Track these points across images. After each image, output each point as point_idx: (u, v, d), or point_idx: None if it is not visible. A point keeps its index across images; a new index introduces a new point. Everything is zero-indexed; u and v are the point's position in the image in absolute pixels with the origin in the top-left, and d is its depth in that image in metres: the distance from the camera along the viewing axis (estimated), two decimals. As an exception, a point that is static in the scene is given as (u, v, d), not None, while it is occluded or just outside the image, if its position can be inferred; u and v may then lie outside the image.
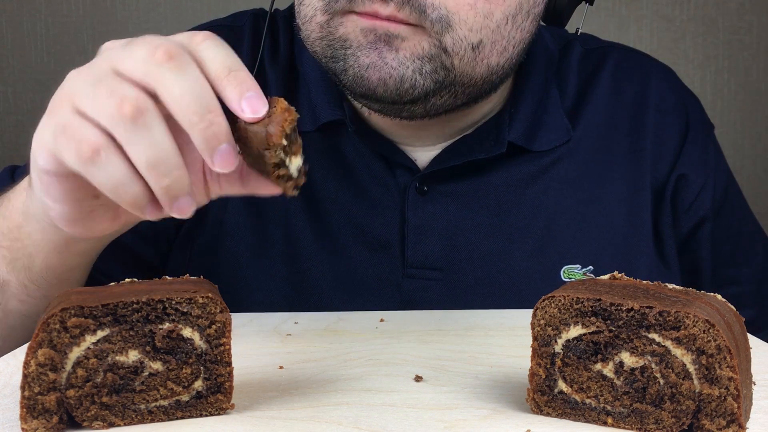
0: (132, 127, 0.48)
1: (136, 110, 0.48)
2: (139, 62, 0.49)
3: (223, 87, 0.50)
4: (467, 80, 0.72)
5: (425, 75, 0.69)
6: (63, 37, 1.96)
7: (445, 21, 0.68)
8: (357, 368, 0.57)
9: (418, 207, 0.80)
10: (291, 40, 0.87)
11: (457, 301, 0.79)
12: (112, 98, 0.49)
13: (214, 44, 0.51)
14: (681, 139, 0.86)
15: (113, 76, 0.50)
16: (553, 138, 0.82)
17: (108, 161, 0.49)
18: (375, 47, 0.68)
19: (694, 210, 0.85)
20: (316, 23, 0.71)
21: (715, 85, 1.95)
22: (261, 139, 0.50)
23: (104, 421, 0.46)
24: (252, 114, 0.49)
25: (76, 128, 0.50)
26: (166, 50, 0.49)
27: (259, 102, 0.50)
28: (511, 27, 0.71)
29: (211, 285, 0.51)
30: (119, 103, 0.48)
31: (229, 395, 0.48)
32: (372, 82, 0.69)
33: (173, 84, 0.49)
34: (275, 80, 0.84)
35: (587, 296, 0.46)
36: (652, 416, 0.45)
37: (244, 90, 0.49)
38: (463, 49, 0.69)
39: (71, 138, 0.50)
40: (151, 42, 0.50)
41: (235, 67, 0.50)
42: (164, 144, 0.49)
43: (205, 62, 0.50)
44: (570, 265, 0.81)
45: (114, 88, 0.49)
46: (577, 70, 0.87)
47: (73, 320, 0.45)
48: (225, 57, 0.51)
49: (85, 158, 0.49)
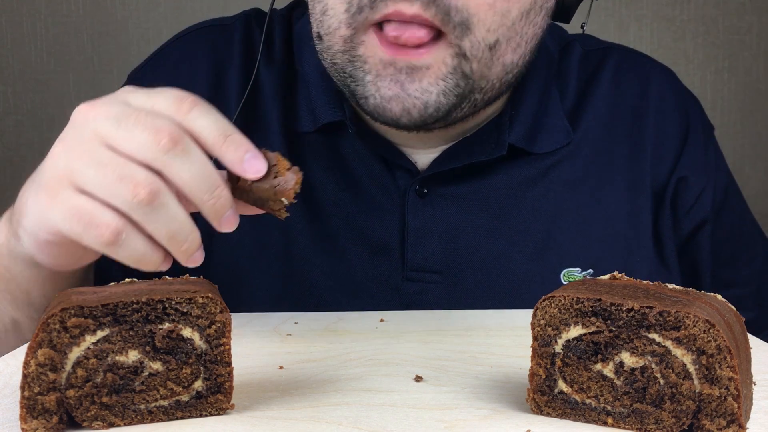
0: (149, 209, 0.51)
1: (151, 194, 0.51)
2: (144, 147, 0.52)
3: (222, 153, 0.53)
4: (485, 84, 0.72)
5: (448, 93, 0.69)
6: (63, 37, 1.96)
7: (466, 24, 0.67)
8: (357, 368, 0.57)
9: (418, 209, 0.80)
10: (288, 40, 0.86)
11: (457, 304, 0.78)
12: (125, 183, 0.51)
13: (203, 112, 0.54)
14: (681, 142, 0.85)
15: (113, 155, 0.52)
16: (553, 140, 0.82)
17: (130, 240, 0.52)
18: (396, 80, 0.68)
19: (694, 212, 0.85)
20: (340, 36, 0.70)
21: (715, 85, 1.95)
22: (269, 195, 0.54)
23: (104, 421, 0.46)
24: (255, 174, 0.53)
25: (92, 214, 0.52)
26: (170, 136, 0.52)
27: (259, 162, 0.53)
28: (524, 23, 0.71)
29: (211, 285, 0.51)
30: (133, 189, 0.51)
31: (229, 395, 0.48)
32: (395, 113, 0.69)
33: (181, 170, 0.52)
34: (270, 81, 0.83)
35: (587, 296, 0.46)
36: (653, 416, 0.45)
37: (242, 153, 0.53)
38: (481, 51, 0.69)
39: (89, 224, 0.52)
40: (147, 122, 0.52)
41: (229, 132, 0.54)
42: (180, 216, 0.52)
43: (200, 132, 0.53)
44: (570, 267, 0.81)
45: (123, 172, 0.52)
46: (577, 72, 0.87)
47: (73, 320, 0.45)
48: (217, 123, 0.54)
49: (107, 242, 0.52)
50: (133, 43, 1.96)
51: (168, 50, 0.88)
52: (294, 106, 0.83)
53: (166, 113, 0.53)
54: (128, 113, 0.53)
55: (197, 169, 0.52)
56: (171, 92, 0.55)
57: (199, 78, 0.84)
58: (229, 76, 0.84)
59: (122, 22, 1.95)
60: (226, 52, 0.85)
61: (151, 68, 0.87)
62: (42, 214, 0.55)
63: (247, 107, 0.81)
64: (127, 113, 0.53)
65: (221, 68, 0.85)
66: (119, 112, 0.53)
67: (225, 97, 0.83)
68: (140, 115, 0.52)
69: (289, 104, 0.83)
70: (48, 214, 0.54)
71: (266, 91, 0.83)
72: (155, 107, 0.54)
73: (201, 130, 0.53)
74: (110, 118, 0.53)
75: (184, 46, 0.87)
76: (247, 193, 0.55)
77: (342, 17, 0.69)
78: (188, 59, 0.85)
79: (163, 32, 1.93)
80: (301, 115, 0.82)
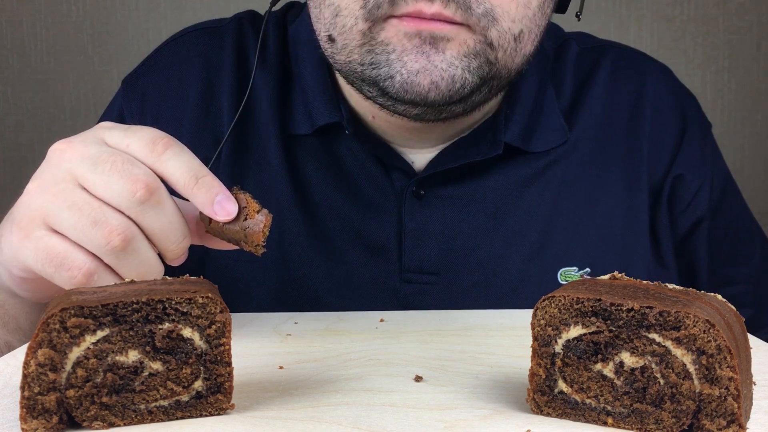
0: (122, 254, 0.54)
1: (125, 241, 0.53)
2: (119, 195, 0.54)
3: (194, 195, 0.55)
4: (505, 72, 0.72)
5: (473, 72, 0.69)
6: (63, 37, 1.96)
7: (491, 15, 0.67)
8: (357, 368, 0.57)
9: (415, 211, 0.80)
10: (282, 42, 0.86)
11: (455, 305, 0.78)
12: (99, 228, 0.53)
13: (176, 153, 0.56)
14: (678, 139, 0.85)
15: (87, 198, 0.54)
16: (549, 139, 0.82)
17: (100, 281, 0.54)
18: (422, 51, 0.67)
19: (691, 210, 0.85)
20: (358, 31, 0.69)
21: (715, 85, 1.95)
22: (239, 237, 0.57)
23: (104, 421, 0.46)
24: (225, 217, 0.56)
25: (65, 256, 0.54)
26: (146, 187, 0.54)
27: (230, 204, 0.56)
28: (541, 14, 0.71)
29: (211, 285, 0.51)
30: (108, 234, 0.53)
31: (229, 395, 0.48)
32: (423, 87, 0.68)
33: (154, 221, 0.54)
34: (265, 84, 0.83)
35: (587, 296, 0.46)
36: (653, 416, 0.45)
37: (213, 195, 0.55)
38: (507, 42, 0.69)
39: (61, 265, 0.54)
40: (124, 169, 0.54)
41: (201, 174, 0.56)
42: (151, 260, 0.55)
43: (172, 175, 0.55)
44: (567, 267, 0.81)
45: (97, 216, 0.53)
46: (574, 70, 0.87)
47: (72, 320, 0.45)
48: (189, 165, 0.56)
49: (78, 282, 0.54)
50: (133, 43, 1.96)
51: (160, 54, 0.88)
52: (290, 108, 0.82)
53: (140, 156, 0.55)
54: (104, 157, 0.54)
55: (168, 221, 0.54)
56: (146, 133, 0.56)
57: (191, 82, 0.84)
58: (221, 79, 0.84)
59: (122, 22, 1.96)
60: (218, 56, 0.85)
61: (144, 73, 0.87)
62: (15, 252, 0.56)
63: (243, 111, 0.81)
64: (103, 157, 0.54)
65: (213, 72, 0.84)
66: (95, 154, 0.54)
67: (217, 100, 0.83)
68: (117, 161, 0.54)
69: (285, 107, 0.83)
70: (20, 253, 0.56)
71: (261, 94, 0.83)
72: (130, 148, 0.55)
73: (173, 172, 0.55)
74: (86, 160, 0.54)
75: (176, 50, 0.87)
76: (220, 233, 0.57)
77: (358, 13, 0.68)
78: (180, 64, 0.85)
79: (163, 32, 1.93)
80: (298, 117, 0.82)
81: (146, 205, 0.54)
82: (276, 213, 0.81)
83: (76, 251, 0.53)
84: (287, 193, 0.81)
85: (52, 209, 0.54)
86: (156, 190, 0.54)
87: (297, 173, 0.81)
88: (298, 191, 0.81)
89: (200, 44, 0.86)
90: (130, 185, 0.53)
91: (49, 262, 0.54)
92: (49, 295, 0.62)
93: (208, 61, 0.85)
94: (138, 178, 0.53)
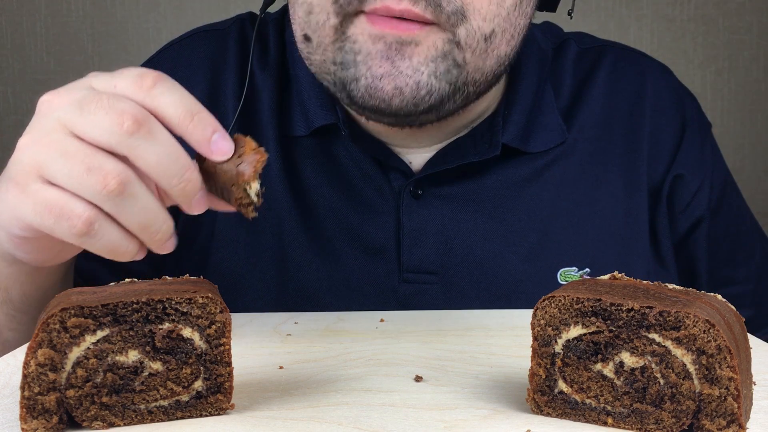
0: (120, 200, 0.50)
1: (120, 184, 0.50)
2: (107, 132, 0.50)
3: (189, 133, 0.51)
4: (478, 76, 0.71)
5: (440, 77, 0.68)
6: (63, 37, 1.96)
7: (461, 13, 0.66)
8: (357, 368, 0.57)
9: (413, 211, 0.80)
10: (282, 44, 0.86)
11: (454, 304, 0.78)
12: (93, 174, 0.50)
13: (168, 88, 0.52)
14: (677, 139, 0.85)
15: (79, 145, 0.51)
16: (547, 139, 0.82)
17: (103, 231, 0.51)
18: (386, 57, 0.67)
19: (690, 210, 0.85)
20: (330, 27, 0.69)
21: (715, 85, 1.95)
22: (230, 177, 0.52)
23: (104, 421, 0.46)
24: (221, 156, 0.51)
25: (63, 206, 0.51)
26: (133, 118, 0.50)
27: (226, 143, 0.52)
28: (517, 13, 0.70)
29: (211, 285, 0.51)
30: (103, 179, 0.50)
31: (229, 395, 0.48)
32: (386, 92, 0.67)
33: (147, 153, 0.50)
34: (266, 85, 0.83)
35: (587, 296, 0.46)
36: (653, 416, 0.45)
37: (209, 133, 0.51)
38: (476, 41, 0.68)
39: (60, 216, 0.51)
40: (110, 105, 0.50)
41: (196, 109, 0.51)
42: (151, 205, 0.51)
43: (164, 111, 0.51)
44: (566, 267, 0.80)
45: (90, 162, 0.50)
46: (573, 70, 0.86)
47: (72, 320, 0.45)
48: (182, 100, 0.51)
49: (80, 233, 0.51)
50: (133, 43, 1.96)
51: (163, 56, 0.88)
52: (288, 110, 0.82)
53: (128, 93, 0.51)
54: (90, 98, 0.51)
55: (164, 152, 0.50)
56: (133, 70, 0.53)
57: (196, 84, 0.83)
58: (226, 81, 0.84)
59: (122, 22, 1.96)
60: (222, 58, 0.85)
61: None
62: (12, 210, 0.54)
63: (244, 111, 0.81)
64: (88, 98, 0.51)
65: (218, 73, 0.84)
66: (81, 98, 0.51)
67: (222, 102, 0.83)
68: (102, 99, 0.51)
69: (284, 108, 0.83)
70: (18, 209, 0.53)
71: (262, 95, 0.83)
72: (117, 88, 0.52)
73: (165, 107, 0.51)
74: (72, 105, 0.51)
75: (180, 52, 0.87)
76: (212, 177, 0.53)
77: (330, 8, 0.68)
78: (184, 65, 0.85)
79: (163, 32, 1.93)
80: (295, 118, 0.82)
81: (136, 137, 0.50)
82: (274, 214, 0.81)
83: (74, 200, 0.50)
84: (285, 194, 0.81)
85: (45, 160, 0.51)
86: (145, 120, 0.50)
87: (295, 174, 0.81)
88: (296, 192, 0.81)
89: (205, 46, 0.86)
90: (116, 118, 0.50)
91: (47, 213, 0.51)
92: (52, 255, 0.61)
93: (213, 63, 0.85)
94: (124, 111, 0.50)
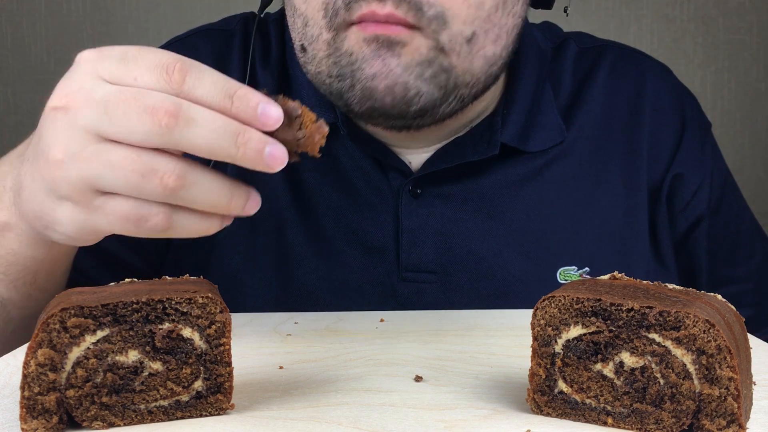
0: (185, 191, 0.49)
1: (179, 179, 0.49)
2: (147, 134, 0.48)
3: (233, 116, 0.49)
4: (469, 78, 0.71)
5: (427, 80, 0.68)
6: (63, 37, 1.96)
7: (442, 18, 0.67)
8: (357, 368, 0.57)
9: (412, 210, 0.80)
10: (282, 43, 0.86)
11: (453, 304, 0.78)
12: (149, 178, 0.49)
13: (197, 77, 0.49)
14: (677, 138, 0.85)
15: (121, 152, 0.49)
16: (547, 138, 0.82)
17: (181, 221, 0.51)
18: (378, 55, 0.67)
19: (690, 209, 0.85)
20: (323, 41, 0.70)
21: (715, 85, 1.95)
22: (291, 148, 0.50)
23: (104, 421, 0.46)
24: (273, 124, 0.49)
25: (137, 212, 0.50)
26: (167, 112, 0.48)
27: (274, 108, 0.49)
28: (502, 13, 0.71)
29: (211, 285, 0.51)
30: (159, 181, 0.49)
31: (229, 395, 0.48)
32: (379, 91, 0.68)
33: (194, 139, 0.48)
34: (267, 84, 0.83)
35: (587, 296, 0.46)
36: (653, 416, 0.45)
37: (254, 106, 0.49)
38: (459, 44, 0.69)
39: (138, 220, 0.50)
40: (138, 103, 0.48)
41: (233, 89, 0.49)
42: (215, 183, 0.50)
43: (202, 102, 0.49)
44: (566, 266, 0.81)
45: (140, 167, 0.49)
46: (572, 70, 0.87)
47: (72, 320, 0.45)
48: (216, 85, 0.49)
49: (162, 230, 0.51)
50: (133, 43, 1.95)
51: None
52: None
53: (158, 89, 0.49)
54: (112, 100, 0.49)
55: (208, 130, 0.48)
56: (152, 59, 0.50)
57: None
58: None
59: (122, 22, 1.96)
60: (227, 56, 0.85)
61: None
62: (83, 226, 0.53)
63: None
64: (111, 100, 0.49)
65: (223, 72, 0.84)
66: (101, 99, 0.49)
67: None
68: (128, 99, 0.48)
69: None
70: (89, 224, 0.52)
71: None
72: (139, 81, 0.49)
73: (202, 99, 0.49)
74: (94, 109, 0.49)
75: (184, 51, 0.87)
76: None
77: (321, 23, 0.69)
78: None
79: (163, 32, 1.93)
80: None
81: (176, 130, 0.48)
82: (272, 216, 0.81)
83: (144, 204, 0.50)
84: (284, 193, 0.81)
85: (94, 177, 0.50)
86: (178, 110, 0.48)
87: (294, 174, 0.81)
88: (295, 192, 0.81)
89: (210, 45, 0.86)
90: (150, 118, 0.48)
91: (125, 222, 0.50)
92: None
93: (218, 62, 0.85)
94: (155, 107, 0.48)
